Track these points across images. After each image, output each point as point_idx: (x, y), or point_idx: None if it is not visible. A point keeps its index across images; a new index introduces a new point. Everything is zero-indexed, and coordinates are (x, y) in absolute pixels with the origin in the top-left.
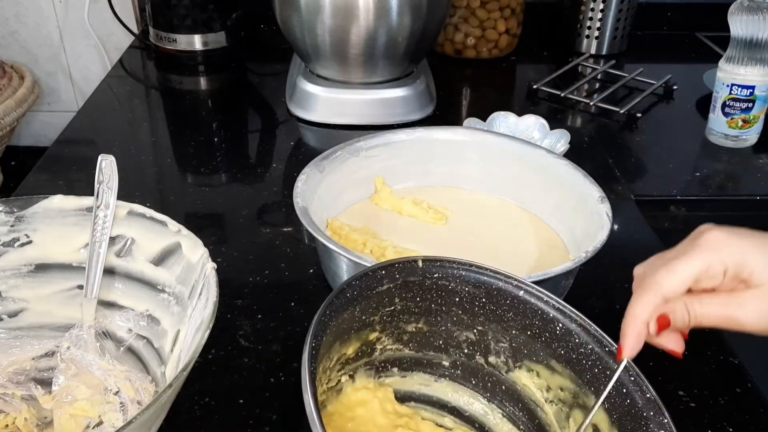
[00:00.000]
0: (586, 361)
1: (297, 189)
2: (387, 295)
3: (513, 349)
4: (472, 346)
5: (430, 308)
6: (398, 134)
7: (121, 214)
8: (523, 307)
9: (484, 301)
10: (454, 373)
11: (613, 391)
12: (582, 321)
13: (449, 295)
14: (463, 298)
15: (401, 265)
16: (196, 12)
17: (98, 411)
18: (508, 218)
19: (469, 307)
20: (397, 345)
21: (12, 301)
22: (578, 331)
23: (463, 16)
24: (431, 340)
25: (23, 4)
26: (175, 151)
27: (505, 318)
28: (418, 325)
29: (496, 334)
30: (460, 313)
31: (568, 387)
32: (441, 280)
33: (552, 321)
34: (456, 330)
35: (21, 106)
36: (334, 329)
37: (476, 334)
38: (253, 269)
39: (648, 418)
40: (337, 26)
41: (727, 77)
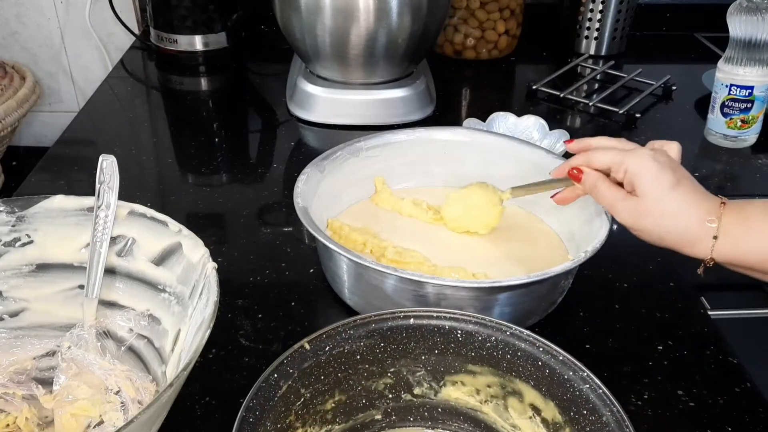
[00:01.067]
0: (496, 352)
1: (297, 189)
2: (291, 393)
3: (430, 373)
4: (394, 389)
5: (338, 378)
6: (398, 134)
7: (122, 214)
8: (419, 332)
9: (383, 346)
10: (390, 421)
11: (532, 368)
12: (476, 319)
13: (348, 357)
14: (363, 354)
15: (291, 358)
16: (196, 13)
17: (99, 410)
18: (508, 218)
19: (372, 358)
20: (325, 427)
21: (13, 300)
22: (476, 329)
23: (463, 17)
24: (353, 404)
25: (24, 5)
26: (175, 151)
27: (409, 349)
28: (334, 399)
29: (410, 367)
30: (368, 367)
31: (492, 382)
32: (334, 349)
33: (450, 332)
34: (371, 383)
35: (22, 107)
36: None
37: (391, 377)
38: (253, 269)
39: (568, 378)
40: (338, 27)
41: (726, 78)
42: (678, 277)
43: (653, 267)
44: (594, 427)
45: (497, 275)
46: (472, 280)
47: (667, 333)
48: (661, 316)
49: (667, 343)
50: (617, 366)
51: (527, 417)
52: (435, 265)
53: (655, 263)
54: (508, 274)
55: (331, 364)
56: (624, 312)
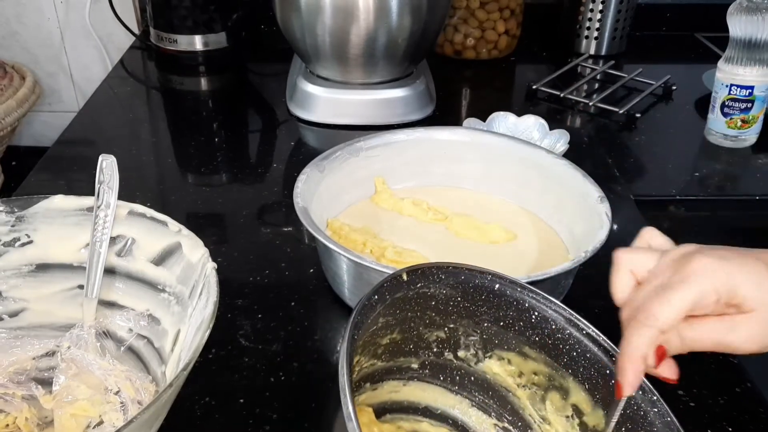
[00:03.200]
0: (563, 346)
1: (297, 189)
2: (374, 320)
3: (483, 341)
4: (441, 344)
5: (406, 317)
6: (398, 134)
7: (122, 214)
8: (497, 300)
9: (459, 300)
10: (422, 374)
11: (595, 373)
12: (558, 307)
13: (426, 300)
14: (438, 301)
15: (389, 284)
16: (196, 13)
17: (99, 411)
18: (508, 218)
19: (443, 308)
20: (372, 361)
21: (12, 300)
22: (555, 317)
23: (463, 17)
24: (402, 347)
25: (24, 5)
26: (175, 151)
27: (478, 313)
28: (392, 336)
29: (467, 329)
30: (433, 315)
31: (542, 371)
32: (422, 288)
33: (527, 310)
34: (426, 332)
35: (22, 107)
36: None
37: (446, 332)
38: (253, 269)
39: (635, 397)
40: (338, 27)
41: (726, 77)
42: None
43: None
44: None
45: None
46: None
47: None
48: None
49: None
50: None
51: (564, 415)
52: None
53: None
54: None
55: (410, 302)
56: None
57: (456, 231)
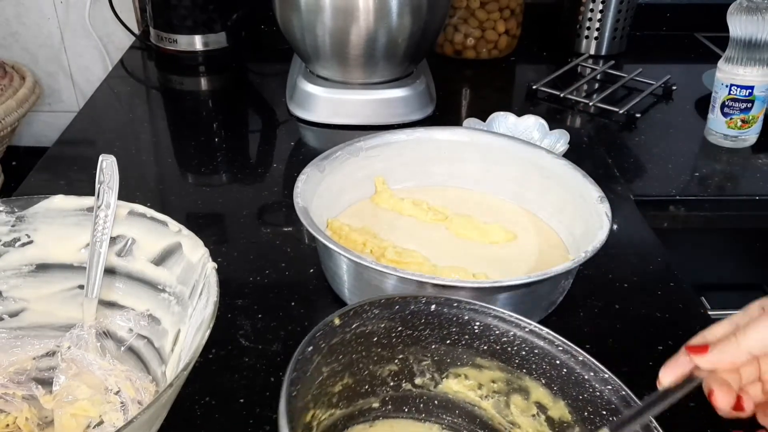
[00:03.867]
0: (511, 348)
1: (297, 189)
2: (315, 371)
3: (436, 363)
4: (396, 376)
5: (352, 360)
6: (398, 134)
7: (122, 214)
8: (437, 320)
9: (400, 330)
10: (386, 411)
11: (547, 366)
12: (496, 312)
13: (367, 338)
14: (380, 336)
15: (323, 332)
16: (196, 12)
17: (99, 411)
18: (508, 218)
19: (386, 342)
20: (329, 411)
21: (13, 300)
22: (495, 323)
23: (463, 17)
24: (357, 389)
25: (24, 5)
26: (175, 151)
27: (422, 337)
28: (343, 381)
29: (417, 356)
30: (380, 351)
31: (499, 377)
32: (359, 328)
33: (468, 323)
34: (378, 369)
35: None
36: None
37: (398, 364)
38: (253, 269)
39: (587, 378)
40: (338, 27)
41: (726, 77)
42: (678, 277)
43: (653, 267)
44: None
45: (497, 275)
46: (472, 280)
47: (667, 333)
48: (661, 316)
49: (667, 343)
50: (617, 366)
51: (530, 415)
52: (435, 265)
53: (655, 263)
54: (508, 274)
55: (351, 344)
56: (624, 312)
57: (456, 231)
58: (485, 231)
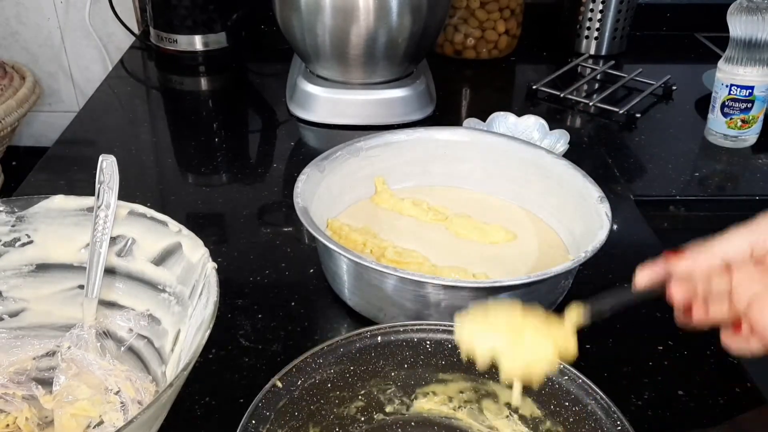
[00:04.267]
0: (457, 359)
1: (297, 189)
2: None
3: (401, 388)
4: (365, 411)
5: (311, 411)
6: (398, 134)
7: (122, 214)
8: (387, 349)
9: (353, 369)
10: None
11: None
12: (444, 326)
13: (319, 388)
14: (333, 381)
15: (265, 400)
16: (196, 12)
17: (99, 411)
18: (508, 218)
19: (342, 384)
20: None
21: (13, 300)
22: (444, 338)
23: (463, 17)
24: None
25: (24, 5)
26: (175, 151)
27: (378, 368)
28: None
29: (380, 386)
30: (339, 393)
31: (465, 387)
32: (306, 382)
33: (419, 344)
34: (343, 409)
35: (22, 107)
36: None
37: (362, 399)
38: (253, 269)
39: None
40: (338, 27)
41: (726, 78)
42: None
43: None
44: (579, 417)
45: (497, 275)
46: (472, 280)
47: (667, 333)
48: (661, 316)
49: (667, 343)
50: (617, 366)
51: (504, 416)
52: (435, 265)
53: None
54: (508, 274)
55: (303, 398)
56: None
57: (456, 231)
58: (485, 231)
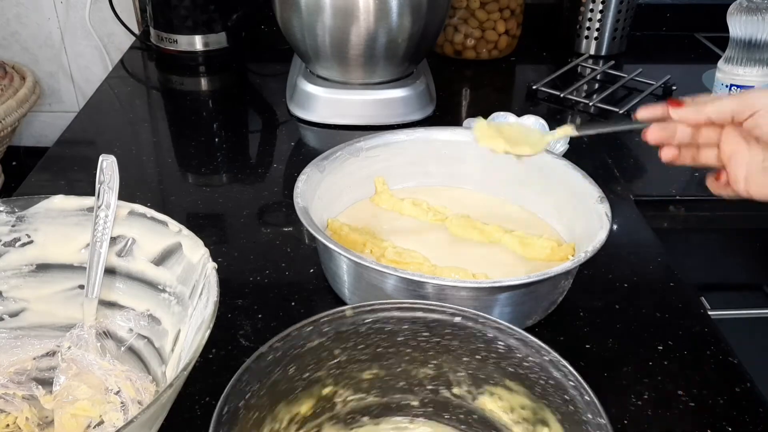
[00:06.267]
0: (532, 374)
1: (297, 189)
2: (322, 350)
3: (471, 377)
4: (434, 381)
5: (378, 353)
6: (398, 134)
7: (122, 214)
8: (463, 333)
9: (427, 335)
10: (426, 411)
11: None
12: (519, 335)
13: (391, 336)
14: (406, 337)
15: (328, 318)
16: (196, 13)
17: (99, 411)
18: (508, 218)
19: (415, 344)
20: (359, 394)
21: (13, 300)
22: (516, 345)
23: (463, 17)
24: (392, 383)
25: (24, 5)
26: (175, 151)
27: (452, 347)
28: (372, 371)
29: (451, 365)
30: (410, 351)
31: (526, 404)
32: (376, 323)
33: (492, 341)
34: (412, 369)
35: (22, 107)
36: (265, 393)
37: (433, 369)
38: (253, 269)
39: (587, 421)
40: (338, 27)
41: (726, 78)
42: (678, 277)
43: (653, 267)
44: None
45: (497, 275)
46: (472, 280)
47: (667, 333)
48: (661, 316)
49: (667, 343)
50: (617, 366)
51: None
52: (435, 265)
53: (655, 263)
54: (508, 274)
55: (371, 337)
56: (624, 312)
57: (456, 231)
58: (485, 231)
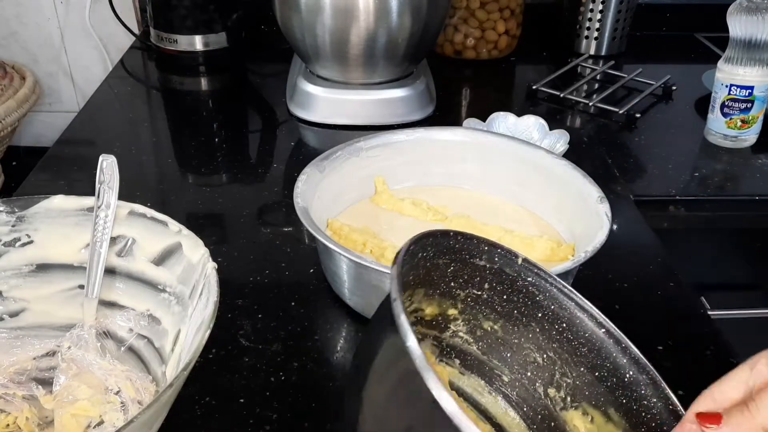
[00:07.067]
0: (646, 414)
1: (297, 189)
2: (480, 274)
3: (576, 387)
4: (537, 371)
5: (512, 313)
6: (398, 134)
7: (122, 214)
8: (598, 345)
9: (564, 327)
10: (510, 393)
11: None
12: (654, 374)
13: (535, 307)
14: (545, 316)
15: (503, 252)
16: (196, 13)
17: (99, 411)
18: (508, 218)
19: (548, 327)
20: (469, 336)
21: (13, 300)
22: (647, 382)
23: (463, 17)
24: (501, 347)
25: (24, 5)
26: (175, 151)
27: (579, 352)
28: (494, 325)
29: (564, 366)
30: (538, 331)
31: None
32: (533, 287)
33: (622, 367)
34: (527, 347)
35: (22, 107)
36: (427, 265)
37: (545, 360)
38: (253, 269)
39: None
40: (338, 27)
41: (725, 78)
42: (678, 277)
43: (653, 267)
44: None
45: None
46: None
47: (667, 333)
48: (661, 316)
49: (667, 343)
50: None
51: None
52: None
53: (655, 263)
54: None
55: (520, 294)
56: (624, 312)
57: None
58: (485, 231)
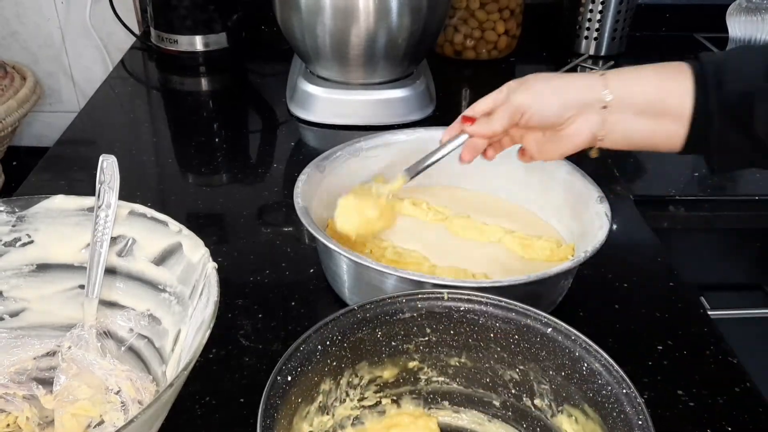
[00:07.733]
0: (608, 404)
1: (297, 189)
2: (413, 324)
3: (554, 392)
4: (518, 386)
5: (468, 343)
6: (398, 135)
7: (123, 214)
8: (552, 345)
9: (517, 339)
10: (505, 414)
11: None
12: (605, 361)
13: (483, 330)
14: (497, 335)
15: (424, 295)
16: (197, 13)
17: (99, 410)
18: (508, 218)
19: (505, 344)
20: (444, 378)
21: (13, 300)
22: (601, 370)
23: (463, 18)
24: (478, 376)
25: (24, 5)
26: (176, 151)
27: (540, 357)
28: (460, 359)
29: (537, 375)
30: (499, 350)
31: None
32: (470, 313)
33: (579, 360)
34: (500, 368)
35: (23, 107)
36: (348, 346)
37: (519, 374)
38: (253, 269)
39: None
40: (338, 27)
41: None
42: (678, 277)
43: (653, 267)
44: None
45: (497, 275)
46: (472, 280)
47: (667, 333)
48: (661, 316)
49: (667, 343)
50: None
51: None
52: (435, 265)
53: (655, 263)
54: (508, 274)
55: (462, 325)
56: (624, 312)
57: (456, 231)
58: (485, 231)
